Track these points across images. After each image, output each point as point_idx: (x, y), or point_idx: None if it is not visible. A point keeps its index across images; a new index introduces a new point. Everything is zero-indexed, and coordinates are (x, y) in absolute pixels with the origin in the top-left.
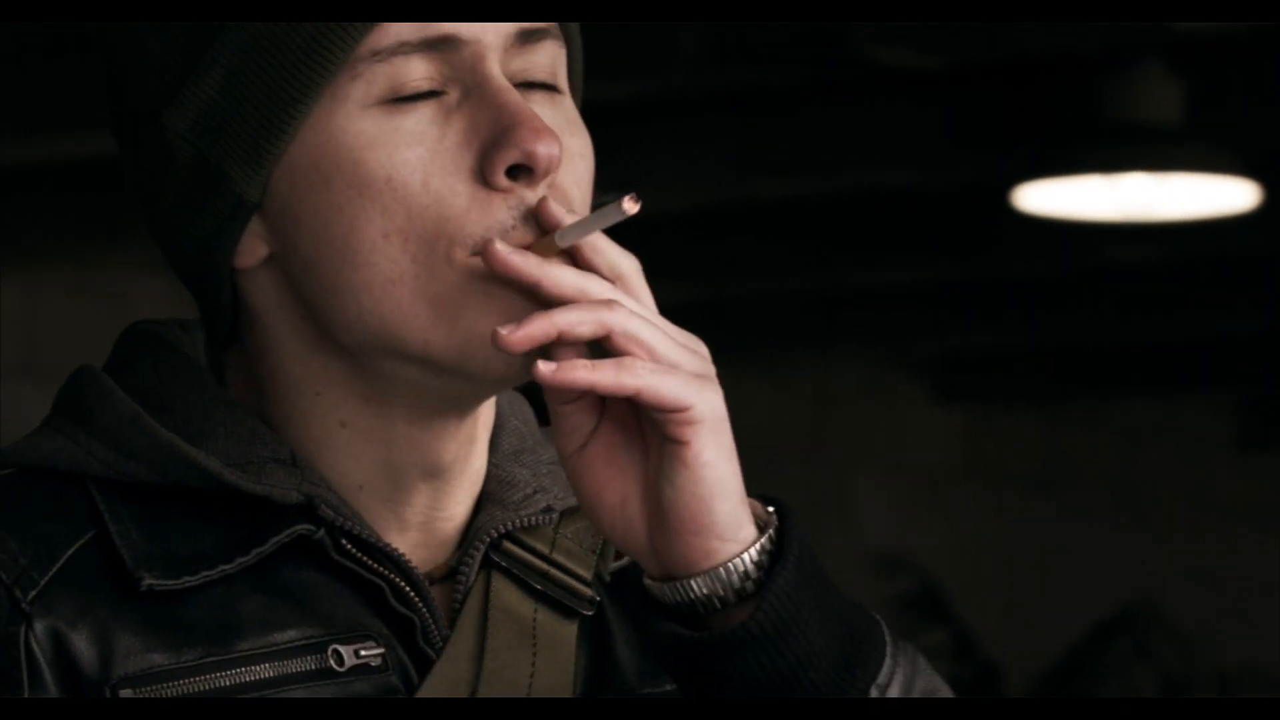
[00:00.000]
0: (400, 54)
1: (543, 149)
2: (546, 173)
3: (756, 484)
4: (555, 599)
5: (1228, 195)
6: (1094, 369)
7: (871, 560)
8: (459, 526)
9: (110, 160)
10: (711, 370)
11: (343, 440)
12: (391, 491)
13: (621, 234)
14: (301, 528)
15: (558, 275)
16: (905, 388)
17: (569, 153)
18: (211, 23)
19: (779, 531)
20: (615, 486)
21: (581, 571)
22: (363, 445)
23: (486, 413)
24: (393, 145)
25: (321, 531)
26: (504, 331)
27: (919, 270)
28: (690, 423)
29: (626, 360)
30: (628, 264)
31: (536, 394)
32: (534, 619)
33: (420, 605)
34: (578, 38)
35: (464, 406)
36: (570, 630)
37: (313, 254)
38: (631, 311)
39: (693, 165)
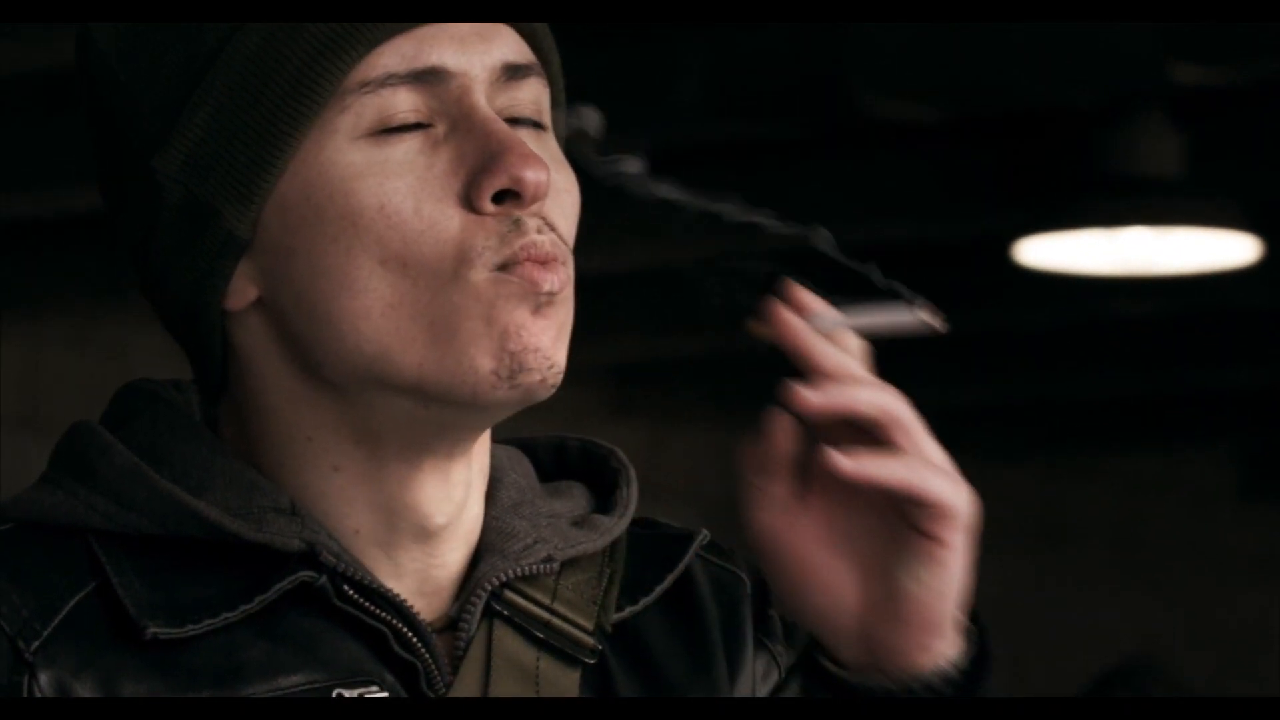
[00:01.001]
0: (388, 86)
1: (530, 174)
2: (534, 198)
3: None
4: (557, 647)
5: (1228, 249)
6: (1094, 422)
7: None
8: (454, 576)
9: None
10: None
11: (336, 485)
12: (387, 536)
13: (624, 286)
14: (304, 574)
15: (826, 350)
16: None
17: (555, 187)
18: (198, 63)
19: (979, 638)
20: (830, 565)
21: (583, 621)
22: (356, 490)
23: (480, 461)
24: (382, 174)
25: (323, 578)
26: (805, 394)
27: None
28: (951, 523)
29: (906, 454)
30: (864, 354)
31: (536, 450)
32: (537, 666)
33: (423, 651)
34: (560, 80)
35: (454, 445)
36: (573, 678)
37: (306, 287)
38: (905, 403)
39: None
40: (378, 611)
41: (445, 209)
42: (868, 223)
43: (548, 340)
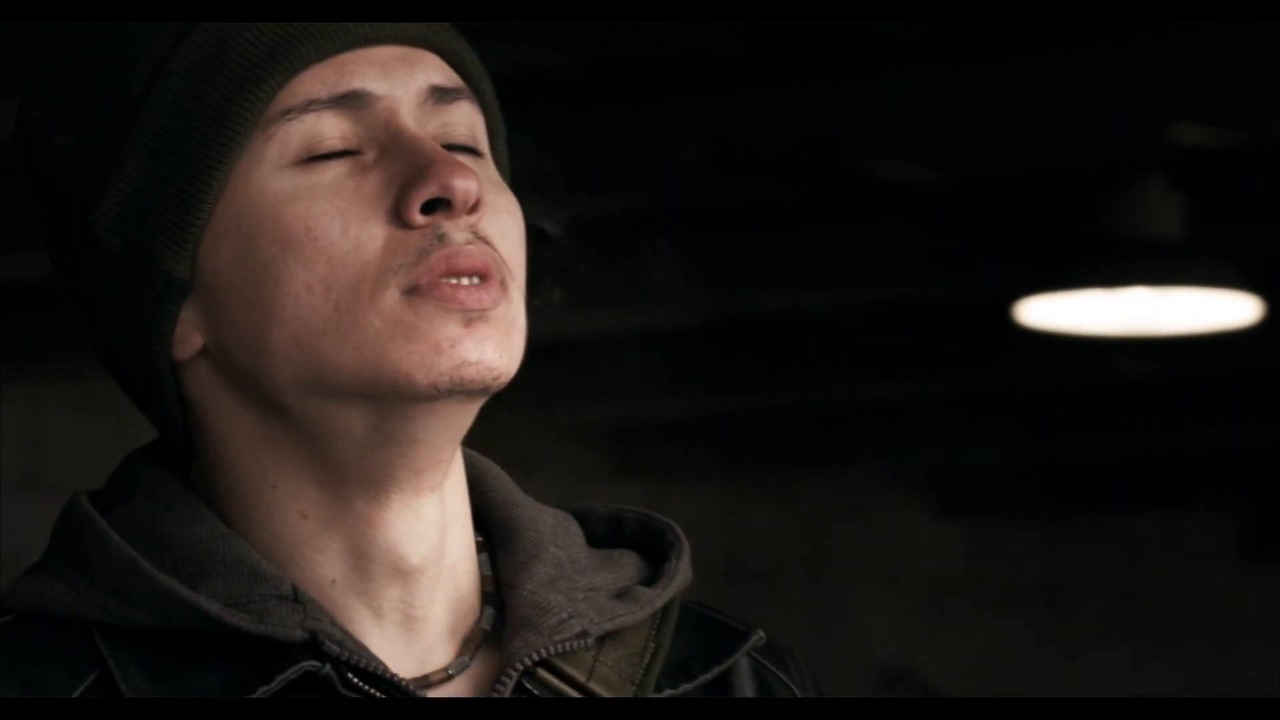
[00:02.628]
0: (311, 111)
1: (459, 182)
2: (464, 205)
3: (758, 597)
4: None
5: (1229, 310)
6: (1095, 483)
7: (874, 674)
8: (442, 632)
9: None
10: None
11: (306, 532)
12: (363, 584)
13: (625, 348)
14: (307, 665)
15: None
16: (907, 502)
17: (494, 206)
18: (125, 114)
19: None
20: None
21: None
22: (326, 536)
23: (456, 502)
24: (309, 199)
25: (327, 667)
26: None
27: (921, 384)
28: None
29: None
30: None
31: (590, 519)
32: None
33: None
34: (496, 109)
35: (418, 475)
36: None
37: (242, 319)
38: None
39: (696, 278)
40: (382, 697)
41: (371, 228)
42: (870, 284)
43: (489, 350)
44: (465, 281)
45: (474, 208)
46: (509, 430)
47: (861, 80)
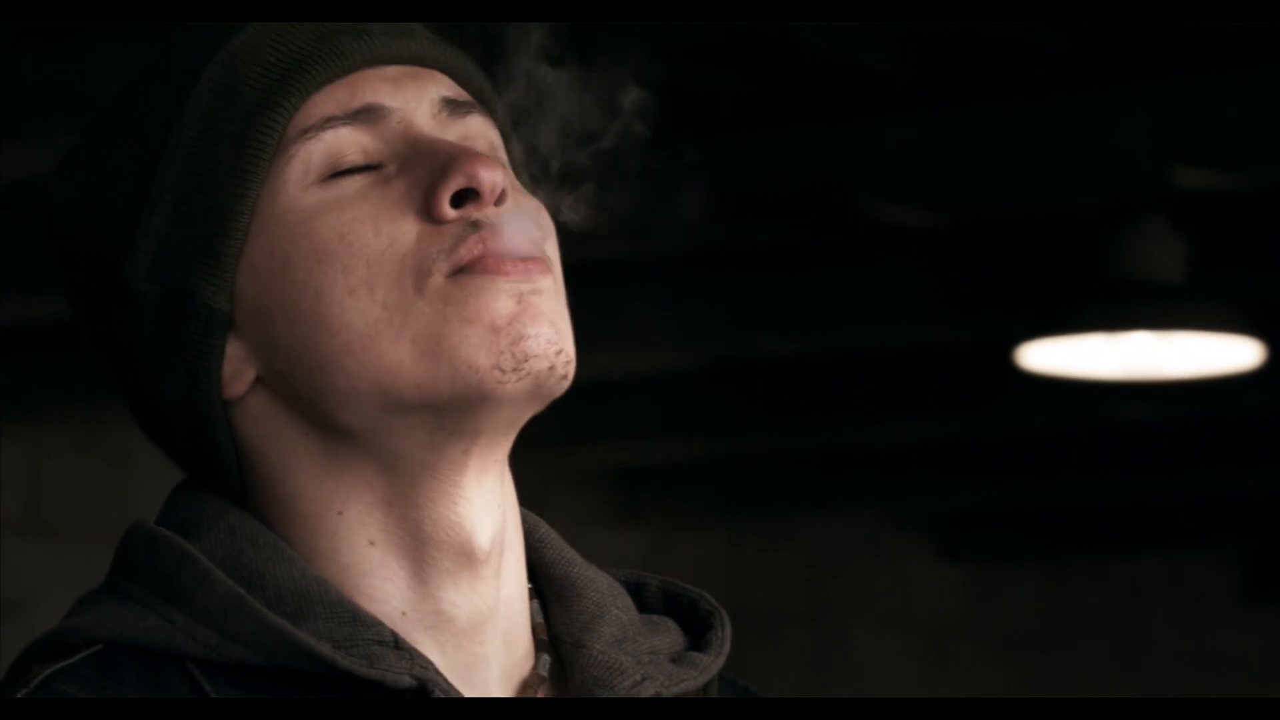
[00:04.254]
0: (329, 128)
1: (484, 172)
2: (493, 194)
3: (759, 641)
4: None
5: (1231, 353)
6: (1097, 526)
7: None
8: (499, 673)
9: None
10: None
11: (375, 561)
12: (432, 618)
13: (627, 391)
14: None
15: None
16: (908, 545)
17: (521, 205)
18: (144, 168)
19: None
20: None
21: None
22: (395, 564)
23: (512, 567)
24: (339, 208)
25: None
26: None
27: (923, 428)
28: None
29: None
30: None
31: (637, 589)
32: None
33: None
34: (509, 127)
35: (481, 469)
36: None
37: (290, 339)
38: None
39: (697, 322)
40: None
41: (403, 225)
42: (871, 328)
43: (545, 327)
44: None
45: (500, 199)
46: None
47: (862, 123)
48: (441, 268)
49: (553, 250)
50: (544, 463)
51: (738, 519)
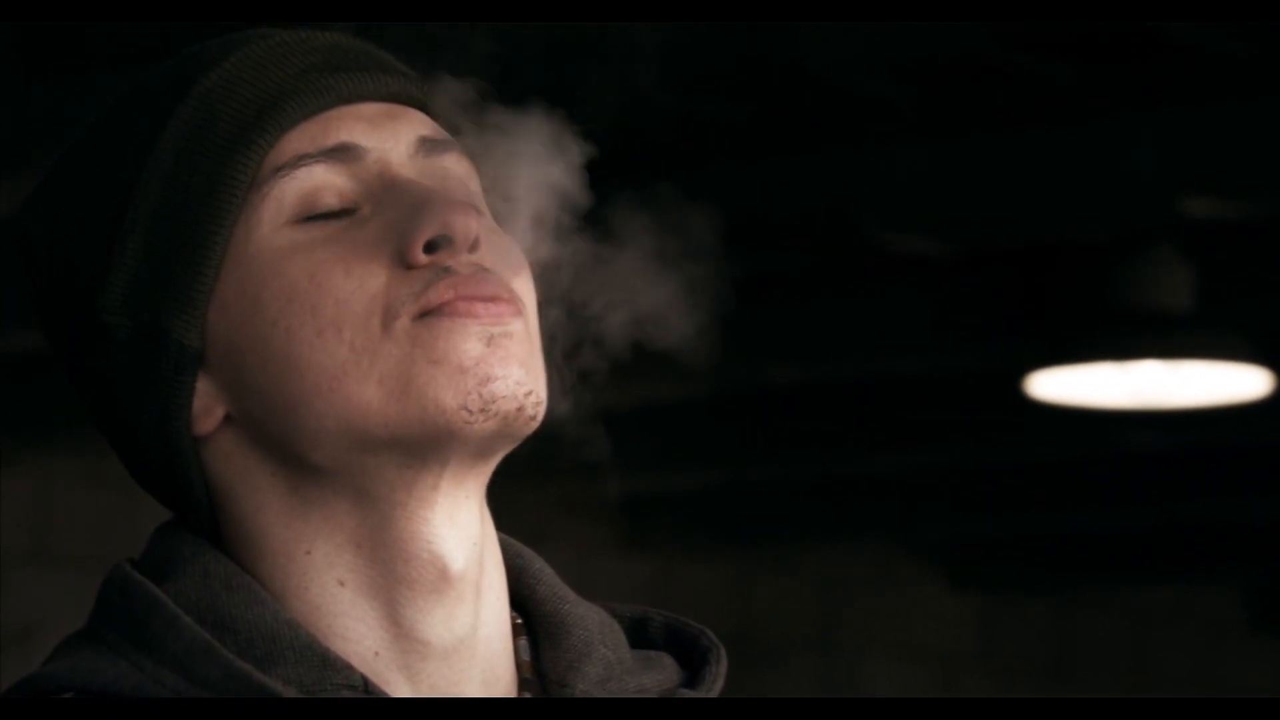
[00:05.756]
0: (302, 165)
1: (459, 219)
2: (466, 242)
3: (768, 670)
4: None
5: (1239, 382)
6: (1106, 555)
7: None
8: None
9: None
10: None
11: (345, 602)
12: (403, 657)
13: (636, 420)
14: None
15: None
16: (917, 574)
17: (497, 244)
18: (119, 200)
19: None
20: None
21: None
22: (366, 604)
23: (492, 604)
24: (310, 249)
25: None
26: None
27: (932, 457)
28: None
29: None
30: None
31: (616, 619)
32: None
33: None
34: (482, 165)
35: (451, 486)
36: None
37: (261, 378)
38: None
39: (704, 350)
40: None
41: (374, 268)
42: (879, 357)
43: (514, 369)
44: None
45: (474, 245)
46: (518, 503)
47: (870, 152)
48: (410, 310)
49: (525, 289)
50: (551, 492)
51: (746, 548)
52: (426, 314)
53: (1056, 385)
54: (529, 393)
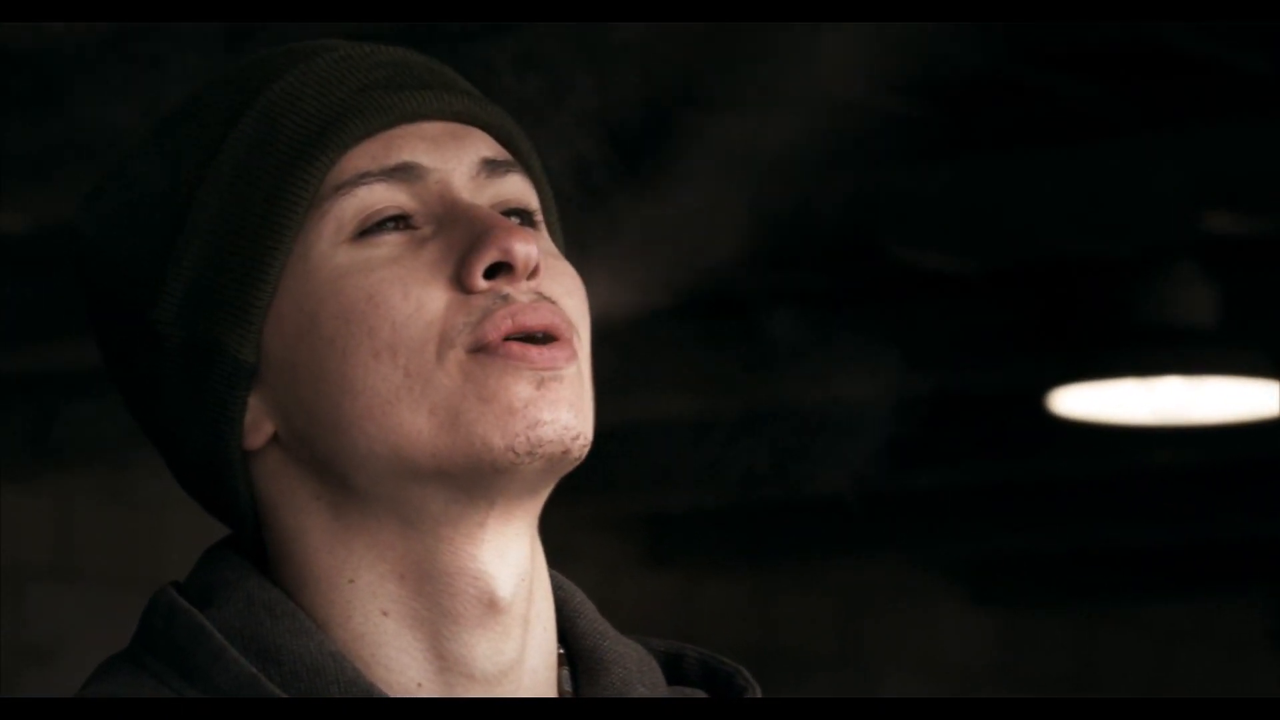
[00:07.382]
0: (363, 184)
1: (519, 245)
2: (526, 269)
3: (788, 686)
4: None
5: (1262, 399)
6: (1128, 572)
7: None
8: None
9: None
10: None
11: (389, 632)
12: (448, 691)
13: (662, 438)
14: None
15: None
16: (938, 591)
17: (554, 270)
18: (176, 211)
19: None
20: None
21: None
22: (410, 635)
23: (539, 635)
24: (368, 269)
25: None
26: None
27: (953, 473)
28: None
29: None
30: None
31: (676, 660)
32: None
33: None
34: (546, 184)
35: (498, 519)
36: None
37: (312, 397)
38: None
39: (726, 369)
40: None
41: (432, 290)
42: (902, 374)
43: (563, 412)
44: (534, 343)
45: (534, 272)
46: (542, 521)
47: (893, 169)
48: (465, 340)
49: (582, 317)
50: (574, 509)
51: (767, 564)
52: (480, 349)
53: (1079, 402)
54: (576, 436)
